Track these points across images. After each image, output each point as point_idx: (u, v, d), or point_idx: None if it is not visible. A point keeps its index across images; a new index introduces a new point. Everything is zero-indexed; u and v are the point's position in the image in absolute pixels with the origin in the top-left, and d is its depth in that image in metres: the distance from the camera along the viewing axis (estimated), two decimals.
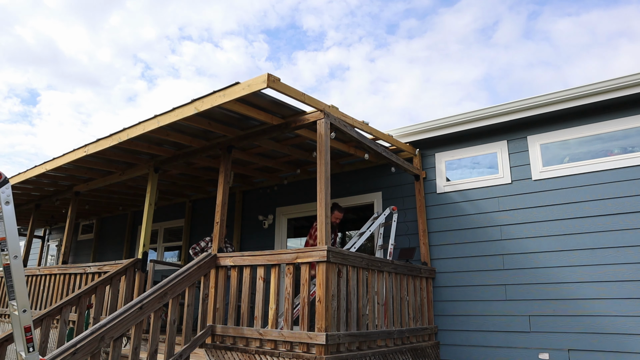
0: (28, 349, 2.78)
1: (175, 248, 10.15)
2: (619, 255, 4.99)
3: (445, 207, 6.25)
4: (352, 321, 4.42)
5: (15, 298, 2.76)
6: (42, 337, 5.21)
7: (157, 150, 6.24)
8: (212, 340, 4.79)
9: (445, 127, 6.28)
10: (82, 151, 6.17)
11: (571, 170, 5.46)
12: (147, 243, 6.39)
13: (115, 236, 11.18)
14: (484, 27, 34.82)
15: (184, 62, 48.77)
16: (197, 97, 4.68)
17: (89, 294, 5.80)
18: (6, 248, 2.78)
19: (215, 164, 6.95)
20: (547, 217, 5.47)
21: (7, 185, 2.83)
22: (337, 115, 4.87)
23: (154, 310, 4.22)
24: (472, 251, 5.89)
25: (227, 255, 4.95)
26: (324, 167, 4.42)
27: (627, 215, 5.03)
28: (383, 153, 5.69)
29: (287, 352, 4.18)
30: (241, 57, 46.93)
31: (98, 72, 51.33)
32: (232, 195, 8.60)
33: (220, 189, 5.35)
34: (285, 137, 5.93)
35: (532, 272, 5.43)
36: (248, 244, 8.32)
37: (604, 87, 5.20)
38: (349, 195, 7.24)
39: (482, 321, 5.61)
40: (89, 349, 3.60)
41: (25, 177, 7.49)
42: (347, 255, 4.36)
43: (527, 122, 5.84)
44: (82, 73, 49.26)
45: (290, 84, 4.40)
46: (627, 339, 4.77)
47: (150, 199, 6.46)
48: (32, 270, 8.11)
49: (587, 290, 5.07)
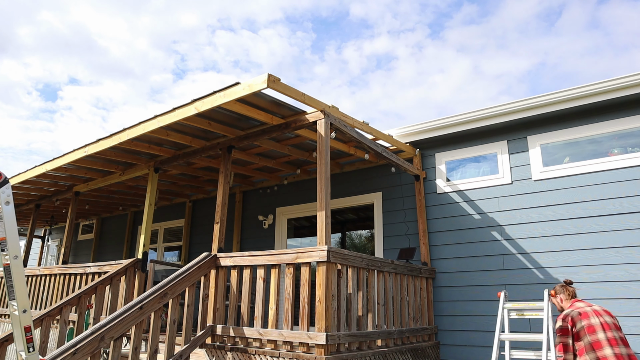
0: (28, 349, 2.78)
1: (175, 248, 10.15)
2: (619, 255, 4.99)
3: (445, 207, 6.25)
4: (352, 321, 4.42)
5: (15, 298, 2.76)
6: (42, 337, 5.22)
7: (157, 150, 6.24)
8: (212, 340, 4.79)
9: (445, 127, 6.28)
10: (82, 151, 6.17)
11: (571, 170, 5.46)
12: (147, 243, 6.39)
13: (115, 236, 11.18)
14: (548, 13, 32.36)
15: (222, 53, 47.28)
16: (197, 97, 4.69)
17: (89, 294, 5.80)
18: (6, 248, 2.78)
19: (215, 164, 6.96)
20: (547, 218, 5.47)
21: (7, 185, 2.83)
22: (337, 116, 4.88)
23: (154, 311, 4.22)
24: (472, 251, 5.89)
25: (227, 256, 4.95)
26: (324, 167, 4.42)
27: (627, 215, 5.03)
28: (383, 153, 5.69)
29: (287, 352, 4.18)
30: (283, 47, 45.02)
31: (131, 62, 49.65)
32: (232, 195, 8.61)
33: (220, 189, 5.35)
34: (285, 137, 5.93)
35: (532, 272, 5.43)
36: (248, 244, 8.32)
37: (604, 87, 5.20)
38: (349, 195, 7.24)
39: (482, 321, 5.61)
40: (89, 349, 3.61)
41: (25, 177, 7.49)
42: (347, 255, 4.36)
43: (527, 122, 5.84)
44: (113, 64, 47.62)
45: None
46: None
47: (150, 199, 6.46)
48: (32, 270, 8.11)
49: (587, 290, 5.07)
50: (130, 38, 44.02)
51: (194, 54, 46.88)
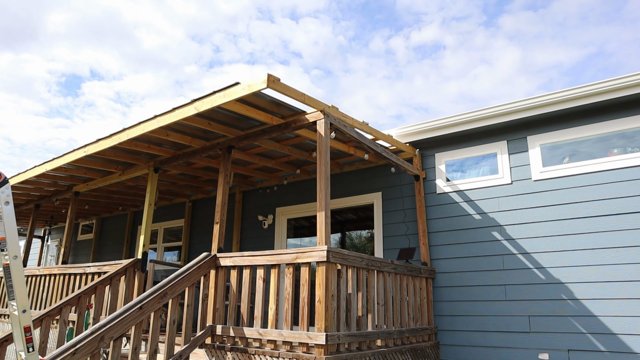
0: (28, 349, 2.78)
1: (175, 248, 10.15)
2: (619, 255, 4.99)
3: (445, 208, 6.25)
4: (352, 321, 4.42)
5: (15, 298, 2.77)
6: (42, 337, 5.22)
7: (157, 150, 6.24)
8: (212, 340, 4.79)
9: (445, 128, 6.28)
10: (82, 151, 6.17)
11: (571, 170, 5.46)
12: (147, 243, 6.39)
13: (115, 236, 11.18)
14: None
15: (261, 43, 44.68)
16: (197, 97, 4.69)
17: (88, 294, 5.80)
18: (6, 248, 2.79)
19: (215, 164, 6.96)
20: (547, 218, 5.47)
21: (7, 185, 2.83)
22: (337, 116, 4.88)
23: (153, 311, 4.22)
24: (472, 251, 5.89)
25: (226, 256, 4.95)
26: (324, 167, 4.42)
27: (627, 215, 5.03)
28: (383, 153, 5.69)
29: (287, 352, 4.18)
30: (326, 37, 42.08)
31: (165, 53, 46.61)
32: (232, 195, 8.61)
33: (220, 189, 5.35)
34: (285, 137, 5.93)
35: (532, 272, 5.44)
36: (248, 244, 8.32)
37: (604, 87, 5.20)
38: (349, 195, 7.24)
39: (482, 321, 5.61)
40: (89, 349, 3.61)
41: (25, 177, 7.49)
42: (347, 256, 4.36)
43: (527, 122, 5.84)
44: (145, 54, 45.38)
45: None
46: (627, 339, 4.77)
47: (150, 199, 6.46)
48: (32, 270, 8.11)
49: (587, 290, 5.07)
50: (166, 27, 41.31)
51: (229, 45, 44.56)
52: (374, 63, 44.41)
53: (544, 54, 36.26)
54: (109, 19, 37.77)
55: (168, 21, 39.11)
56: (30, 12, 37.35)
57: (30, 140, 47.19)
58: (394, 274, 5.21)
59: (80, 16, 38.26)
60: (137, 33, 41.08)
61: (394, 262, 5.21)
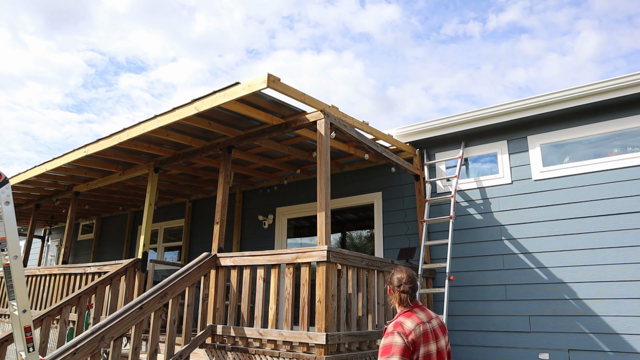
0: (28, 349, 2.78)
1: (175, 248, 10.15)
2: (619, 255, 4.98)
3: (445, 207, 6.24)
4: (352, 321, 4.42)
5: (15, 298, 2.77)
6: (42, 337, 5.22)
7: (157, 150, 6.24)
8: (212, 340, 4.79)
9: (445, 128, 6.28)
10: (82, 151, 6.17)
11: (571, 170, 5.46)
12: (147, 243, 6.39)
13: (115, 236, 11.18)
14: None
15: (324, 29, 42.53)
16: (197, 97, 4.69)
17: (89, 294, 5.81)
18: (6, 248, 2.79)
19: (215, 164, 6.96)
20: (547, 217, 5.47)
21: (7, 185, 2.83)
22: (337, 115, 4.88)
23: (154, 310, 4.22)
24: (472, 251, 5.89)
25: (227, 255, 4.95)
26: (324, 167, 4.42)
27: (627, 215, 5.03)
28: (383, 153, 5.69)
29: (287, 352, 4.18)
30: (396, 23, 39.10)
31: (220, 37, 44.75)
32: (232, 195, 8.60)
33: (220, 189, 5.35)
34: (285, 137, 5.93)
35: (532, 272, 5.43)
36: (248, 244, 8.32)
37: (604, 87, 5.20)
38: (349, 195, 7.24)
39: (482, 321, 5.61)
40: (89, 349, 3.61)
41: (25, 177, 7.49)
42: (347, 255, 4.36)
43: (527, 122, 5.84)
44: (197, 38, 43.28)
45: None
46: (627, 339, 4.77)
47: (150, 199, 6.46)
48: (32, 270, 8.11)
49: (587, 290, 5.07)
50: (222, 10, 39.12)
51: (285, 31, 42.13)
52: (448, 48, 40.55)
53: (628, 39, 32.25)
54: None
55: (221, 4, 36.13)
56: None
57: (62, 135, 45.75)
58: None
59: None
60: (193, 15, 39.11)
61: (394, 262, 5.21)
